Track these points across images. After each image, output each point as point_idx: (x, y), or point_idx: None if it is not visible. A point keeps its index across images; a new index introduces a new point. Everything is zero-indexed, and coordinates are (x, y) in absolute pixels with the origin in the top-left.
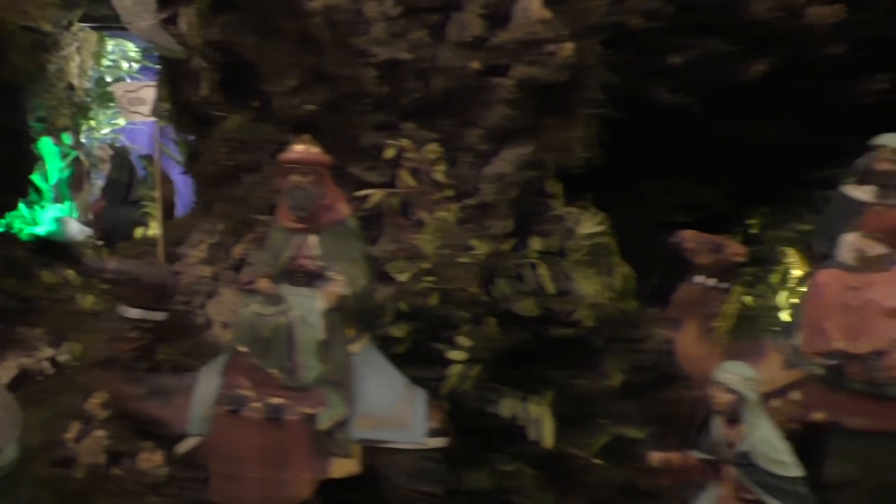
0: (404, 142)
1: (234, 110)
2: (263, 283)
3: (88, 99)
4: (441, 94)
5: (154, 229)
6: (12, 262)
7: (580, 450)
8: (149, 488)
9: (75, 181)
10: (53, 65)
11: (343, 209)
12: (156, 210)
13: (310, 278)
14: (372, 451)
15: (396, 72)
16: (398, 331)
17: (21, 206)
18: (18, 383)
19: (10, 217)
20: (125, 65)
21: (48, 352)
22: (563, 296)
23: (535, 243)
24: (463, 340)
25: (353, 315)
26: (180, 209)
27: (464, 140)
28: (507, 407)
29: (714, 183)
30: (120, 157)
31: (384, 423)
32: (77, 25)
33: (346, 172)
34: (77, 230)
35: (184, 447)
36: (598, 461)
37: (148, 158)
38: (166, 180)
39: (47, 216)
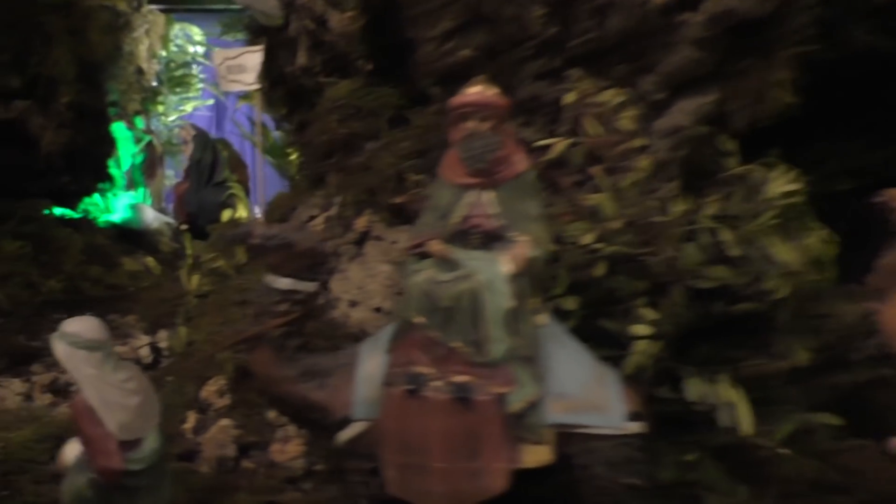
0: (586, 83)
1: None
2: (437, 246)
3: (157, 83)
4: (615, 36)
5: (242, 210)
6: (94, 249)
7: (763, 438)
8: (285, 482)
9: (148, 167)
10: (127, 46)
11: (521, 161)
12: (240, 191)
13: (487, 240)
14: (566, 437)
15: (568, 10)
16: (570, 303)
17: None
18: None
19: (85, 203)
20: (190, 48)
21: (144, 339)
22: (749, 263)
23: (711, 206)
24: (647, 313)
25: (537, 282)
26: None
27: (636, 89)
28: (695, 389)
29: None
30: (203, 137)
31: (579, 406)
32: (146, 7)
33: None
34: (152, 217)
35: (348, 433)
36: (785, 451)
37: (222, 142)
38: (241, 163)
39: (120, 203)
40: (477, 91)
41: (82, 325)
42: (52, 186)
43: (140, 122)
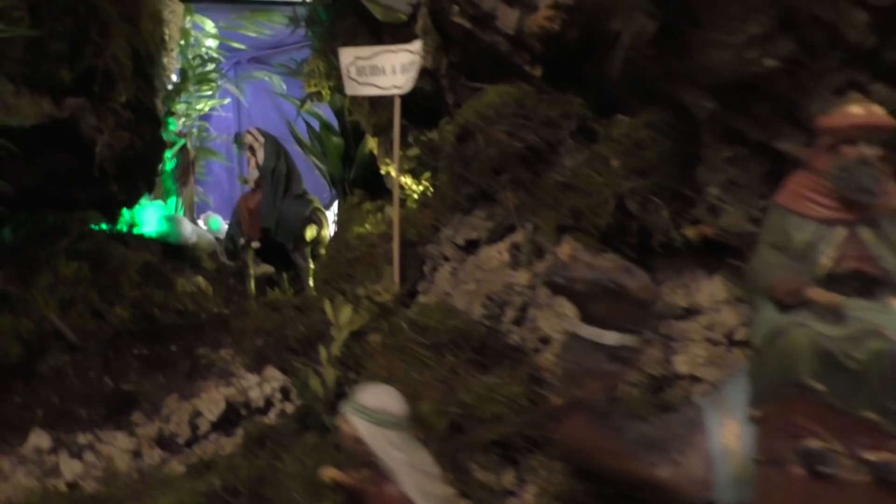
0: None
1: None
2: (823, 295)
3: (178, 80)
4: None
5: (325, 230)
6: (148, 269)
7: None
8: None
9: (182, 173)
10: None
11: None
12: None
13: (867, 285)
14: None
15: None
16: None
17: None
18: (230, 422)
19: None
20: (207, 42)
21: (251, 378)
22: None
23: None
24: None
25: None
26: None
27: None
28: None
29: None
30: (274, 144)
31: None
32: None
33: (768, 147)
34: (190, 230)
35: None
36: None
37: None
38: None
39: (151, 214)
40: (865, 111)
41: (385, 399)
42: (100, 196)
43: (173, 124)
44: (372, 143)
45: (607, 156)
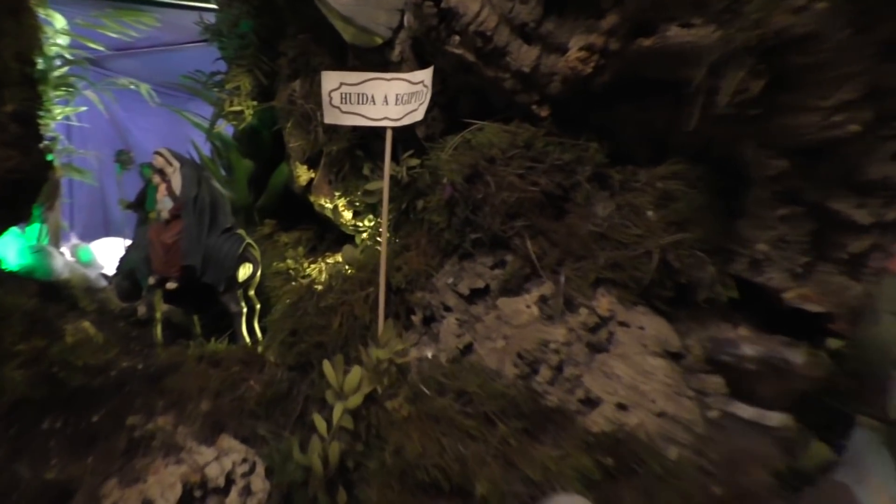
0: None
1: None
2: None
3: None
4: None
5: (247, 271)
6: (33, 316)
7: None
8: None
9: (48, 196)
10: None
11: None
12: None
13: None
14: None
15: None
16: None
17: None
18: None
19: None
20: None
21: (207, 453)
22: None
23: None
24: None
25: None
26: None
27: None
28: None
29: None
30: (194, 168)
31: None
32: None
33: (825, 208)
34: (62, 264)
35: None
36: None
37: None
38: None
39: (10, 245)
40: None
41: None
42: None
43: None
44: (301, 172)
45: (639, 206)
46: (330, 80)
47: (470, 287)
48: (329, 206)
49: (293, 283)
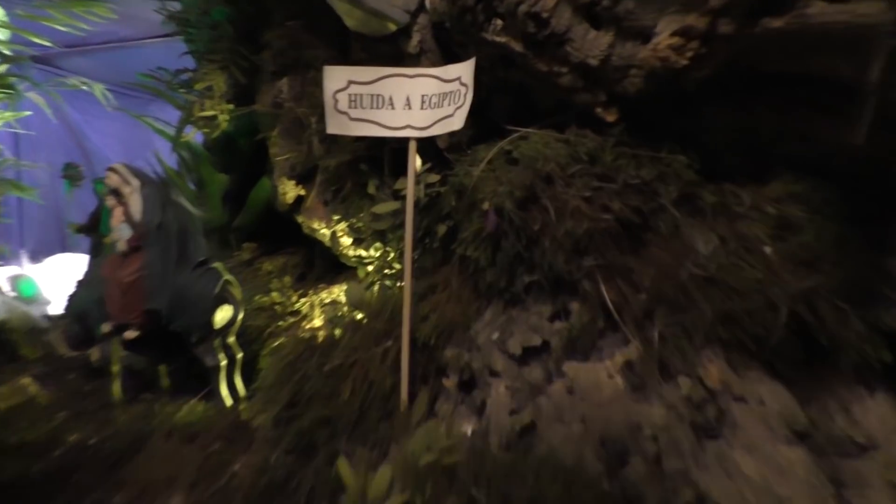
0: None
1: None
2: None
3: None
4: None
5: (226, 315)
6: None
7: None
8: None
9: None
10: None
11: None
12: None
13: None
14: None
15: None
16: None
17: None
18: None
19: None
20: None
21: None
22: None
23: None
24: None
25: None
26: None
27: None
28: None
29: None
30: (157, 190)
31: None
32: None
33: None
34: None
35: None
36: None
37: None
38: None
39: None
40: None
41: None
42: None
43: None
44: (288, 188)
45: (751, 238)
46: (334, 79)
47: (523, 345)
48: (325, 231)
49: (280, 323)
